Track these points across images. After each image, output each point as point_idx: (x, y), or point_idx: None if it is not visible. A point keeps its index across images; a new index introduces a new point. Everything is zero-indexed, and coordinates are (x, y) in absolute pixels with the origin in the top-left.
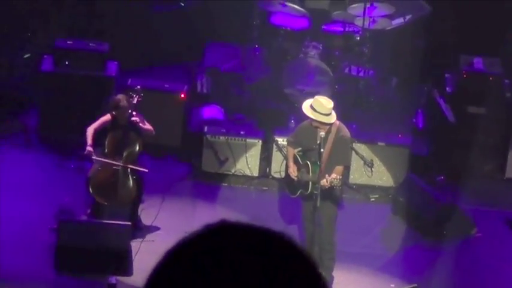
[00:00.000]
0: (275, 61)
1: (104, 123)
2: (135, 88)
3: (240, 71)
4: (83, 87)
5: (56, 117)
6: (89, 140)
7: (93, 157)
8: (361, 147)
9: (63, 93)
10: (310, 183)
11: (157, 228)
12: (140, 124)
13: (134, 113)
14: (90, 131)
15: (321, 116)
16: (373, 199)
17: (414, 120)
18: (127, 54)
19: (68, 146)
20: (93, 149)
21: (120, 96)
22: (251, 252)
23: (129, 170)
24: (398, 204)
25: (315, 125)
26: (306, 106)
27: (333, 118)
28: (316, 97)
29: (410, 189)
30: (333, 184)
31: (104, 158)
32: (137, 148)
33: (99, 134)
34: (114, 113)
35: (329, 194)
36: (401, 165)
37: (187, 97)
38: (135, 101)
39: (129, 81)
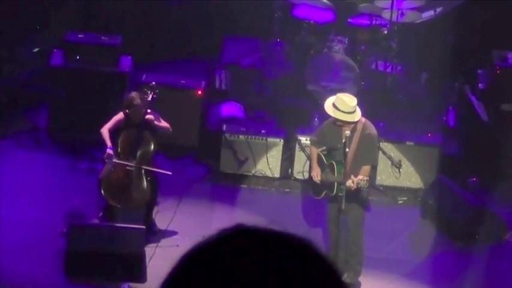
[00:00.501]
0: (298, 56)
1: (118, 123)
2: (150, 84)
3: (260, 66)
4: (94, 83)
5: (66, 115)
6: (108, 142)
7: (114, 160)
8: (388, 147)
9: (74, 90)
10: (336, 184)
11: (172, 233)
12: (155, 122)
13: (149, 110)
14: (104, 132)
15: (344, 114)
16: (401, 202)
17: (445, 118)
18: (141, 48)
19: (79, 146)
20: (127, 162)
21: (134, 94)
22: (268, 258)
23: (143, 170)
24: (428, 207)
25: (339, 124)
26: (328, 105)
27: (357, 116)
28: (338, 95)
29: (441, 191)
30: (359, 185)
31: (118, 159)
32: (152, 148)
33: (112, 134)
34: (127, 111)
35: (355, 195)
36: (430, 166)
37: (204, 94)
38: (149, 98)
39: (144, 76)
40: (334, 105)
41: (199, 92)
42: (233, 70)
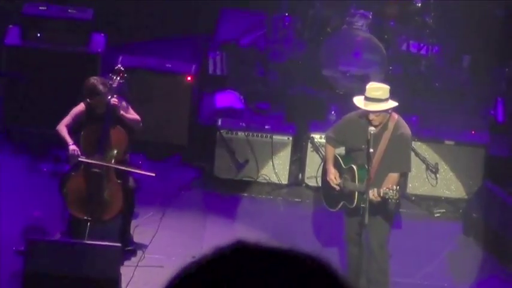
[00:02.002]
0: (311, 34)
1: (78, 116)
2: (116, 68)
3: (264, 46)
4: (59, 67)
5: (24, 105)
6: (68, 138)
7: (81, 158)
8: (422, 147)
9: (34, 75)
10: (357, 193)
11: (155, 251)
12: (121, 111)
13: (115, 96)
14: (61, 129)
15: (376, 104)
16: (438, 215)
17: (492, 111)
18: (117, 24)
19: (40, 143)
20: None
21: (95, 80)
22: (275, 282)
23: (113, 172)
24: (471, 222)
25: (372, 119)
26: (358, 99)
27: (391, 104)
28: (368, 86)
29: (487, 202)
30: (387, 196)
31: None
32: (123, 144)
33: (72, 131)
34: (89, 101)
35: (381, 207)
36: (475, 171)
37: (195, 80)
38: (115, 85)
39: (120, 59)
40: (365, 98)
41: (189, 78)
42: (230, 51)
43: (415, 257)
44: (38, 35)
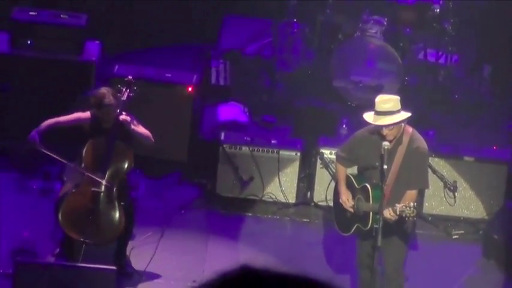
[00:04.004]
0: (321, 42)
1: (79, 122)
2: (126, 79)
3: (270, 55)
4: (51, 76)
5: (12, 117)
6: (40, 128)
7: (40, 148)
8: (440, 164)
9: (23, 85)
10: (371, 214)
11: (153, 275)
12: (132, 126)
13: (124, 113)
14: (50, 121)
15: (386, 117)
16: (456, 236)
17: None
18: (113, 31)
19: (30, 159)
20: (65, 160)
21: (104, 90)
22: None
23: (117, 193)
24: (492, 244)
25: (385, 134)
26: (368, 115)
27: (403, 116)
28: (376, 99)
29: (509, 222)
30: (404, 214)
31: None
32: (127, 162)
33: (72, 138)
34: (95, 112)
35: (397, 227)
36: (496, 189)
37: (197, 91)
38: (124, 98)
39: (116, 68)
40: (375, 112)
41: (190, 89)
42: (234, 60)
43: (431, 281)
44: (28, 42)
